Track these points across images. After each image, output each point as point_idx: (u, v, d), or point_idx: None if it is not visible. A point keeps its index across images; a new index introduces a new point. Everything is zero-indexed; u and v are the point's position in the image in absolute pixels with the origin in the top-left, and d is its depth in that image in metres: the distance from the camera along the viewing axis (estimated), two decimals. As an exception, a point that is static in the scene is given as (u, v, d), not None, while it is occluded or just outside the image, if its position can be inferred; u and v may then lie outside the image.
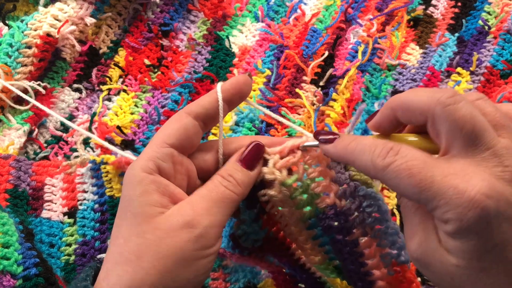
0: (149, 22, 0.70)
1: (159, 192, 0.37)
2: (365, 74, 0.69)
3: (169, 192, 0.38)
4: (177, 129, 0.39)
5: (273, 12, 0.74)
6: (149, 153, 0.38)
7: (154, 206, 0.37)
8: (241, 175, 0.40)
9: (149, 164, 0.38)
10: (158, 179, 0.38)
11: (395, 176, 0.32)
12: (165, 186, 0.38)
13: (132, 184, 0.38)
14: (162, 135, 0.39)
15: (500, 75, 0.68)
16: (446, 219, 0.30)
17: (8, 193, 0.55)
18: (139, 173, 0.38)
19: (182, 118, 0.40)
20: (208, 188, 0.39)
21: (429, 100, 0.33)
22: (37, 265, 0.46)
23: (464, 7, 0.74)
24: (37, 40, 0.62)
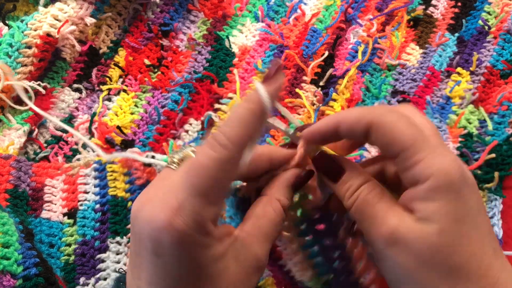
0: (149, 22, 0.70)
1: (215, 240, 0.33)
2: (365, 74, 0.69)
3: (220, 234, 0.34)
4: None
5: (273, 12, 0.74)
6: (204, 212, 0.32)
7: (217, 262, 0.33)
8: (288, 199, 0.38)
9: (205, 225, 0.32)
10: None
11: (394, 121, 0.33)
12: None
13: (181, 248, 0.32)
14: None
15: (500, 75, 0.68)
16: (429, 174, 0.31)
17: (8, 193, 0.55)
18: (189, 238, 0.32)
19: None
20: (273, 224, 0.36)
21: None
22: (37, 265, 0.46)
23: (464, 7, 0.74)
24: (37, 40, 0.63)
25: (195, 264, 0.32)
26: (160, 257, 0.32)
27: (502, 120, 0.64)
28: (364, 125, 0.33)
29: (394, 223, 0.32)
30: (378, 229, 0.33)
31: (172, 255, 0.31)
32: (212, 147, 0.32)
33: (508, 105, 0.64)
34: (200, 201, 0.32)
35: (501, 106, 0.64)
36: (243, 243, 0.35)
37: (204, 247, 0.32)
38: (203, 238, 0.32)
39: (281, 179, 0.38)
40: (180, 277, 0.32)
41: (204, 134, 0.64)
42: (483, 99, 0.66)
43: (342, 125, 0.35)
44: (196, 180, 0.32)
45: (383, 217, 0.33)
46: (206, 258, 0.32)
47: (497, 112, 0.64)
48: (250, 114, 0.33)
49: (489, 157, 0.59)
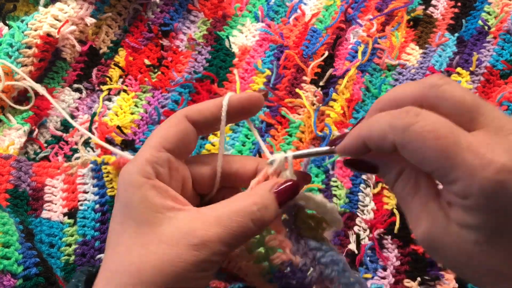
0: (149, 22, 0.70)
1: (161, 196, 0.36)
2: (365, 74, 0.69)
3: (171, 196, 0.36)
4: (175, 133, 0.38)
5: (273, 12, 0.74)
6: (147, 157, 0.36)
7: (158, 212, 0.35)
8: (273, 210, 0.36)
9: (147, 168, 0.36)
10: (157, 183, 0.36)
11: (418, 138, 0.29)
12: (165, 190, 0.36)
13: (131, 188, 0.36)
14: (160, 139, 0.37)
15: (500, 75, 0.68)
16: (467, 193, 0.29)
17: (9, 193, 0.55)
18: (137, 178, 0.36)
19: (181, 122, 0.38)
20: (232, 212, 0.35)
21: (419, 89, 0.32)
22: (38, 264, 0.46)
23: (464, 7, 0.74)
24: (37, 40, 0.63)
25: (128, 199, 0.36)
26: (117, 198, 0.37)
27: (502, 120, 0.63)
28: (390, 145, 0.31)
29: (427, 226, 0.31)
30: (414, 231, 0.32)
31: (118, 190, 0.37)
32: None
33: (508, 105, 0.64)
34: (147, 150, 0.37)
35: (501, 106, 0.64)
36: (187, 215, 0.35)
37: (139, 188, 0.35)
38: (140, 179, 0.35)
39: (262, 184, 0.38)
40: (121, 211, 0.36)
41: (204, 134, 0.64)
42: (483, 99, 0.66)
43: (370, 143, 0.33)
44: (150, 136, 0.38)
45: (417, 220, 0.32)
46: (139, 199, 0.35)
47: (497, 112, 0.64)
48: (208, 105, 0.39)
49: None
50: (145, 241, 0.34)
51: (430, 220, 0.31)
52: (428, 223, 0.31)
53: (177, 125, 0.38)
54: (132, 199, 0.35)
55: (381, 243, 0.58)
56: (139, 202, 0.35)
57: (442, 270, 0.56)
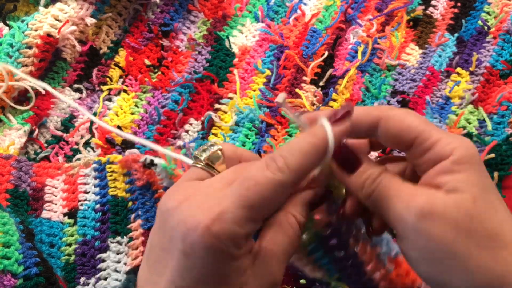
0: (149, 22, 0.70)
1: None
2: (365, 74, 0.69)
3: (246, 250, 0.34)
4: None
5: (273, 12, 0.74)
6: (244, 226, 0.32)
7: (239, 276, 0.33)
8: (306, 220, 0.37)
9: (240, 240, 0.32)
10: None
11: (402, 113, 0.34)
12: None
13: (213, 254, 0.32)
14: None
15: (500, 75, 0.68)
16: (451, 148, 0.32)
17: (9, 193, 0.55)
18: (223, 246, 0.31)
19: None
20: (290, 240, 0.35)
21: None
22: (38, 264, 0.47)
23: (463, 7, 0.74)
24: (38, 40, 0.63)
25: (221, 273, 0.32)
26: (189, 258, 0.32)
27: (501, 120, 0.64)
28: (373, 118, 0.35)
29: (425, 198, 0.32)
30: (407, 205, 0.32)
31: (202, 259, 0.31)
32: (270, 168, 0.32)
33: (507, 105, 0.64)
34: (244, 213, 0.32)
35: (500, 106, 0.64)
36: (261, 260, 0.34)
37: (233, 259, 0.32)
38: (234, 250, 0.32)
39: (297, 196, 0.37)
40: (202, 282, 0.32)
41: (205, 134, 0.65)
42: (482, 99, 0.66)
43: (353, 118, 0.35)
44: (246, 193, 0.32)
45: (411, 194, 0.33)
46: (231, 270, 0.32)
47: (497, 112, 0.64)
48: (313, 149, 0.33)
49: (488, 157, 0.60)
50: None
51: (427, 193, 0.33)
52: (427, 194, 0.32)
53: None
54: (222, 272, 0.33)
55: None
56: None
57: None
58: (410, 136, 0.34)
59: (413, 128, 0.33)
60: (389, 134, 0.35)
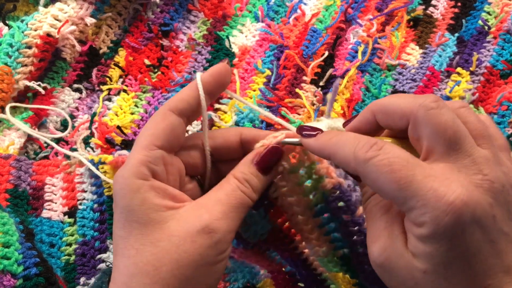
0: (149, 22, 0.70)
1: (160, 196, 0.36)
2: (365, 74, 0.69)
3: (169, 195, 0.37)
4: (163, 129, 0.38)
5: (273, 12, 0.74)
6: (139, 158, 0.36)
7: (161, 211, 0.35)
8: (257, 182, 0.38)
9: (143, 169, 0.36)
10: (155, 183, 0.36)
11: (376, 170, 0.31)
12: (164, 190, 0.36)
13: (129, 193, 0.35)
14: (150, 137, 0.37)
15: (500, 75, 0.68)
16: (421, 222, 0.30)
17: (9, 193, 0.55)
18: (134, 181, 0.36)
19: (167, 116, 0.38)
20: (225, 191, 0.37)
21: (412, 104, 0.33)
22: (38, 264, 0.46)
23: (464, 7, 0.74)
24: (37, 40, 0.63)
25: (128, 205, 0.35)
26: (115, 204, 0.36)
27: (502, 120, 0.64)
28: (353, 171, 0.34)
29: (385, 245, 0.33)
30: (370, 247, 0.34)
31: (115, 199, 0.36)
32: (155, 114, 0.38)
33: (508, 105, 0.64)
34: (138, 151, 0.37)
35: (501, 106, 0.64)
36: (188, 208, 0.36)
37: (138, 191, 0.35)
38: (138, 182, 0.35)
39: (242, 159, 0.40)
40: (122, 218, 0.36)
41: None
42: (483, 99, 0.66)
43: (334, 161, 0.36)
44: (138, 137, 0.38)
45: (378, 235, 0.34)
46: (141, 204, 0.35)
47: (497, 112, 0.64)
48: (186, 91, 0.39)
49: (489, 157, 0.59)
50: (155, 239, 0.34)
51: (390, 240, 0.33)
52: (387, 242, 0.33)
53: (164, 120, 0.38)
54: (132, 203, 0.35)
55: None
56: (140, 205, 0.35)
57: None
58: (386, 198, 0.33)
59: (386, 193, 0.32)
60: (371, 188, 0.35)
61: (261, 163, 0.39)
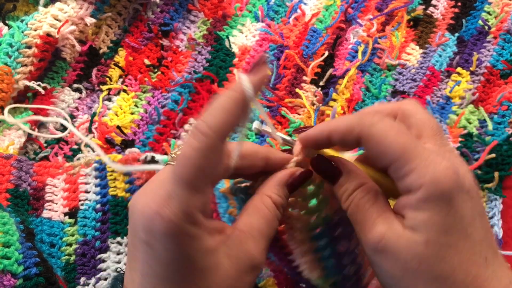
0: (149, 22, 0.70)
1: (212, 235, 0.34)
2: (365, 74, 0.69)
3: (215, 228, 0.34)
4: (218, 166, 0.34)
5: (273, 12, 0.74)
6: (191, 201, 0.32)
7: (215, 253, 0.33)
8: (286, 202, 0.37)
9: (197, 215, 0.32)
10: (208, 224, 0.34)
11: (383, 132, 0.32)
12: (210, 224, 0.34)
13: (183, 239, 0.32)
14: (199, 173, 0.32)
15: (500, 75, 0.68)
16: (420, 184, 0.31)
17: (9, 192, 0.55)
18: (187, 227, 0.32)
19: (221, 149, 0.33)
20: (266, 220, 0.36)
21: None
22: (38, 264, 0.46)
23: (464, 7, 0.74)
24: (37, 40, 0.63)
25: (185, 254, 0.32)
26: (151, 246, 0.32)
27: (502, 120, 0.64)
28: (355, 137, 0.34)
29: (382, 230, 0.33)
30: (367, 235, 0.34)
31: (162, 244, 0.32)
32: (194, 136, 0.31)
33: (508, 105, 0.64)
34: (187, 190, 0.32)
35: (501, 106, 0.64)
36: (235, 241, 0.35)
37: (194, 238, 0.32)
38: (191, 228, 0.32)
39: (274, 177, 0.38)
40: (170, 267, 0.32)
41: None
42: (483, 99, 0.66)
43: (334, 135, 0.35)
44: (180, 170, 0.32)
45: (372, 224, 0.34)
46: (196, 250, 0.33)
47: (497, 112, 0.64)
48: (232, 102, 0.32)
49: (489, 157, 0.59)
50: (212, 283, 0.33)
51: (386, 225, 0.33)
52: (384, 227, 0.33)
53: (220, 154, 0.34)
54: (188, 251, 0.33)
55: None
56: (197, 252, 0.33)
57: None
58: (386, 159, 0.33)
59: (390, 154, 0.32)
60: (369, 154, 0.35)
61: (292, 185, 0.38)
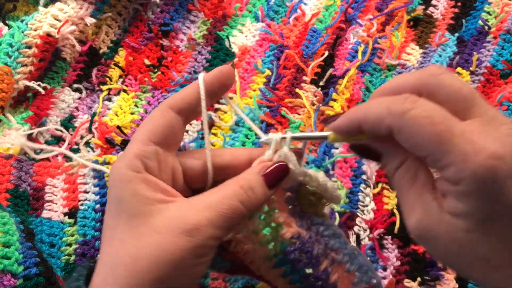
0: (149, 22, 0.70)
1: (151, 189, 0.36)
2: (365, 74, 0.69)
3: (161, 188, 0.37)
4: (161, 125, 0.38)
5: (273, 12, 0.74)
6: (135, 151, 0.37)
7: (149, 204, 0.35)
8: (262, 192, 0.37)
9: (136, 162, 0.36)
10: (147, 177, 0.37)
11: (414, 123, 0.30)
12: (155, 183, 0.37)
13: (121, 183, 0.36)
14: (147, 132, 0.38)
15: (500, 75, 0.68)
16: (459, 178, 0.30)
17: (9, 192, 0.55)
18: (127, 172, 0.36)
19: (166, 113, 0.39)
20: (219, 197, 0.36)
21: (419, 77, 0.34)
22: (38, 264, 0.46)
23: (464, 7, 0.74)
24: (37, 40, 0.63)
25: (120, 194, 0.36)
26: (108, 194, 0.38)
27: (502, 120, 0.64)
28: (386, 128, 0.32)
29: (420, 216, 0.32)
30: (407, 221, 0.33)
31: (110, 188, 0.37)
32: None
33: (508, 105, 0.64)
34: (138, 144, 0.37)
35: (501, 106, 0.64)
36: (176, 204, 0.36)
37: (130, 182, 0.36)
38: (130, 174, 0.36)
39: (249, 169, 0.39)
40: (114, 206, 0.37)
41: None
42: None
43: (365, 126, 0.34)
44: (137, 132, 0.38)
45: (411, 208, 0.33)
46: (131, 194, 0.36)
47: (497, 112, 0.64)
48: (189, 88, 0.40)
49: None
50: (139, 233, 0.35)
51: (424, 209, 0.32)
52: (422, 213, 0.32)
53: (162, 116, 0.39)
54: (123, 194, 0.36)
55: (381, 243, 0.58)
56: (130, 196, 0.36)
57: (442, 270, 0.56)
58: (420, 154, 0.32)
59: (425, 147, 0.31)
60: (404, 145, 0.33)
61: (269, 175, 0.38)
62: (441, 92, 0.32)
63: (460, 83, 0.32)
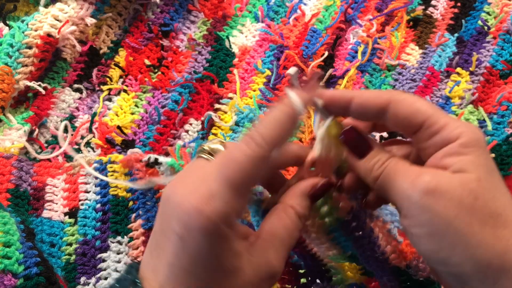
0: (149, 22, 0.70)
1: (239, 240, 0.35)
2: (365, 74, 0.69)
3: (242, 233, 0.36)
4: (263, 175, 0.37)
5: (273, 12, 0.74)
6: (233, 205, 0.33)
7: (240, 257, 0.34)
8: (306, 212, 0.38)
9: (233, 219, 0.34)
10: (238, 228, 0.35)
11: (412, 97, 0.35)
12: (237, 230, 0.35)
13: (216, 240, 0.33)
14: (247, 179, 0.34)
15: (500, 75, 0.68)
16: (459, 132, 0.33)
17: (10, 192, 0.55)
18: (223, 228, 0.33)
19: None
20: (288, 230, 0.37)
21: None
22: (38, 264, 0.47)
23: (463, 7, 0.74)
24: (38, 40, 0.63)
25: (215, 254, 0.33)
26: (184, 240, 0.33)
27: (501, 120, 0.64)
28: (383, 101, 0.35)
29: (430, 176, 0.33)
30: (413, 183, 0.33)
31: (196, 240, 0.32)
32: (248, 145, 0.34)
33: (507, 105, 0.64)
34: (231, 193, 0.33)
35: (500, 106, 0.65)
36: (258, 248, 0.36)
37: (226, 240, 0.33)
38: (226, 230, 0.33)
39: (296, 188, 0.39)
40: (199, 263, 0.33)
41: (204, 134, 0.65)
42: (482, 99, 0.66)
43: (356, 100, 0.36)
44: (229, 173, 0.33)
45: (417, 173, 0.34)
46: (225, 251, 0.33)
47: (497, 112, 0.64)
48: (285, 117, 0.35)
49: (488, 157, 0.59)
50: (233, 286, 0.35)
51: (431, 174, 0.33)
52: (430, 176, 0.33)
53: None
54: (217, 250, 0.34)
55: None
56: (225, 253, 0.34)
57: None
58: (418, 119, 0.34)
59: (422, 112, 0.34)
60: (398, 117, 0.35)
61: (315, 195, 0.39)
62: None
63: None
